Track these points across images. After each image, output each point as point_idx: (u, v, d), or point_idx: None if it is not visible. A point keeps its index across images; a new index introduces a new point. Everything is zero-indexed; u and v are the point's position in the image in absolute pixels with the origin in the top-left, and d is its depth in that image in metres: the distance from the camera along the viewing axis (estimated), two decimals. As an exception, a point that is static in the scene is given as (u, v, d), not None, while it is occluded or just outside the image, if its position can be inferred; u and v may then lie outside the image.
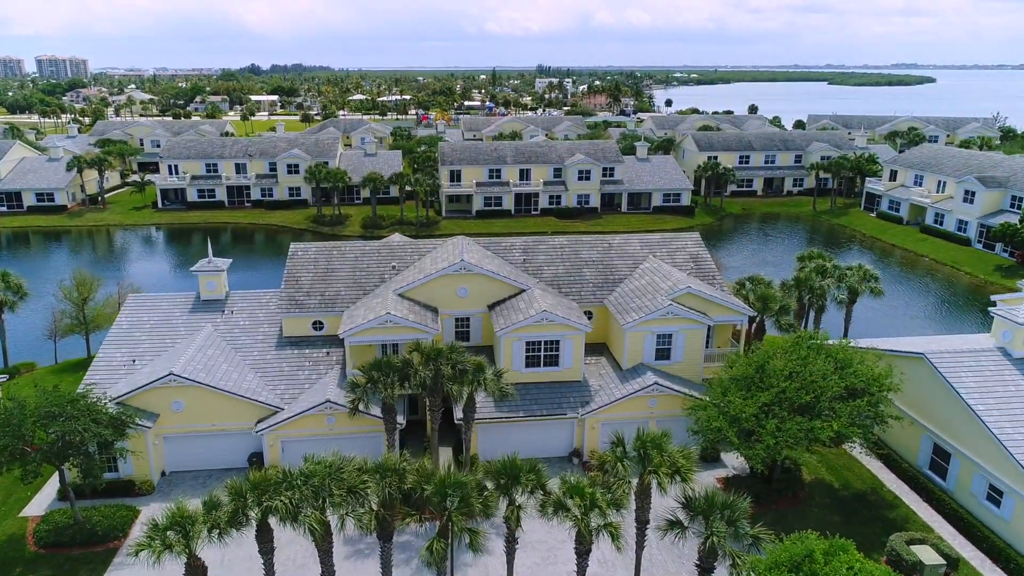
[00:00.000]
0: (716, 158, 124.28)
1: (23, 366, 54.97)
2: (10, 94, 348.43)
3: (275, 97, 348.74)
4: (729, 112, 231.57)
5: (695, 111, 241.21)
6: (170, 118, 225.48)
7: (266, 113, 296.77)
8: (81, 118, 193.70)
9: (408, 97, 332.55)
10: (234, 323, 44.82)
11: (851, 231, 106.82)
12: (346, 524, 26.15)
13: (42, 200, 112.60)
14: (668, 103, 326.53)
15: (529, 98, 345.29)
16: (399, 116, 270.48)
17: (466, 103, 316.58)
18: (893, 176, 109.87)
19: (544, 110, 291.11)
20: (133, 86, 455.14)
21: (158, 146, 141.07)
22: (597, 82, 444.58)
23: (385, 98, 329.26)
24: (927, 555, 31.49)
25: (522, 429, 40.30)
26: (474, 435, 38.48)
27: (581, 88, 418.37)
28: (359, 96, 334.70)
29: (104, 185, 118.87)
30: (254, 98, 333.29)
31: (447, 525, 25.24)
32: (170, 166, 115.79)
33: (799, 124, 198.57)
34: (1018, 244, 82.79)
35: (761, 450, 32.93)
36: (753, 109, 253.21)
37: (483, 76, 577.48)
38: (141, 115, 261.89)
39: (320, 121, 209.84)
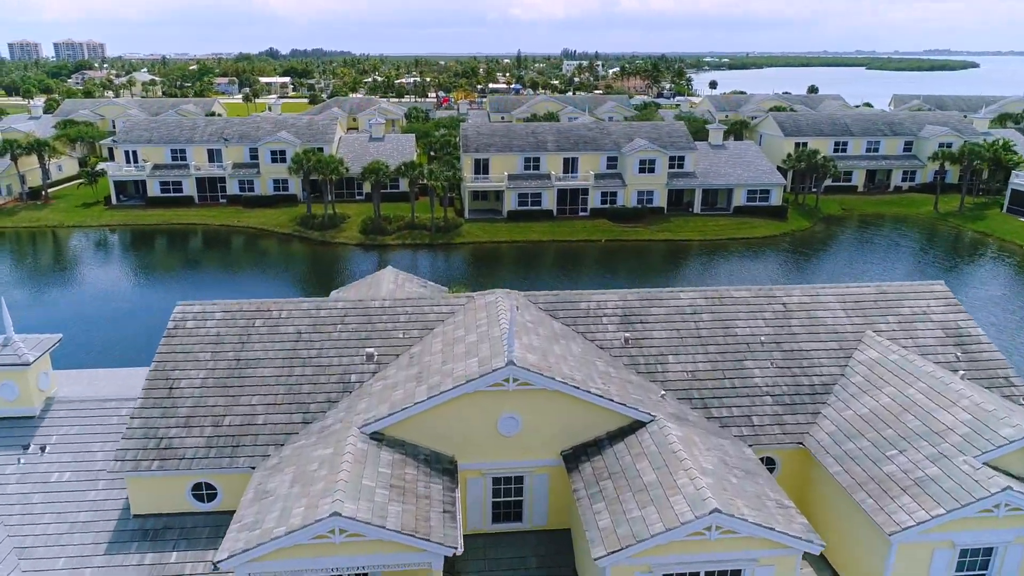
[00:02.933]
0: (806, 145, 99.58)
1: None
2: (13, 75, 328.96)
3: (287, 79, 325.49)
4: (787, 93, 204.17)
5: (741, 93, 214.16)
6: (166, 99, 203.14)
7: (275, 96, 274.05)
8: (59, 99, 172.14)
9: (428, 80, 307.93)
10: (39, 477, 21.84)
11: (995, 240, 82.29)
12: None
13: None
14: (712, 85, 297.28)
15: (557, 81, 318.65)
16: (417, 99, 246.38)
17: (491, 85, 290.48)
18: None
19: (575, 93, 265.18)
20: (145, 69, 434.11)
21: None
22: (626, 64, 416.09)
23: (404, 79, 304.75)
24: None
25: None
26: None
27: (612, 71, 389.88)
28: (375, 77, 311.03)
29: (55, 176, 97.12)
30: (264, 80, 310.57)
31: None
32: (127, 152, 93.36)
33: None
34: None
35: None
36: (813, 90, 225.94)
37: (507, 60, 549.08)
38: (144, 96, 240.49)
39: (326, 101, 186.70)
